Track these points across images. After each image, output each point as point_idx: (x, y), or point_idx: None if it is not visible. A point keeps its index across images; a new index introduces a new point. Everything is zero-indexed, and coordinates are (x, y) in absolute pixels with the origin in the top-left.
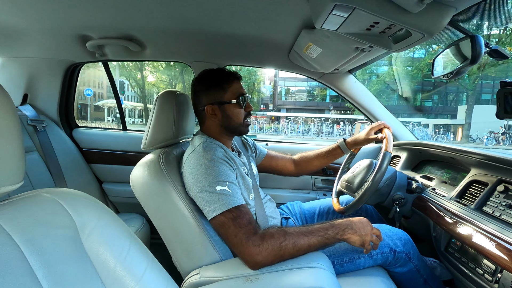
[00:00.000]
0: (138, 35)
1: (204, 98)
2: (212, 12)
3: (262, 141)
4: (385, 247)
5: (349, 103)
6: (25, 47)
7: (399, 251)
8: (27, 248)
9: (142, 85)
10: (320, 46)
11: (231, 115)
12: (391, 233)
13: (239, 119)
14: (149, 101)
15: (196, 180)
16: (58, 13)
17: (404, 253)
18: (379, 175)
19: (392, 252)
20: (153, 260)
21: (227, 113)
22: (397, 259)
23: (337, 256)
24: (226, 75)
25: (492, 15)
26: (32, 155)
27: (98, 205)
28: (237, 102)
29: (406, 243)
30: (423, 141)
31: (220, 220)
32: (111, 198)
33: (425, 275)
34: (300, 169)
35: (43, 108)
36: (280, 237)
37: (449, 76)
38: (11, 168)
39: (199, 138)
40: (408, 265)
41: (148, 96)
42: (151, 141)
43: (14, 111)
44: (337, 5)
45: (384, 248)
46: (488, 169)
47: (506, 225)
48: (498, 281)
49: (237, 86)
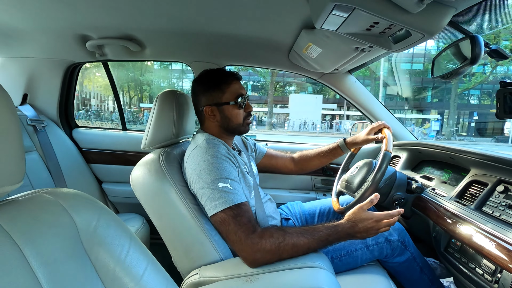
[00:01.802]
0: (138, 35)
1: (203, 99)
2: (212, 12)
3: (262, 141)
4: (380, 237)
5: (349, 103)
6: (25, 47)
7: (394, 240)
8: (27, 247)
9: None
10: (320, 46)
11: (229, 116)
12: None
13: (238, 120)
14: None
15: (198, 176)
16: (58, 13)
17: (399, 241)
18: (379, 175)
19: (388, 242)
20: (153, 260)
21: (226, 114)
22: (394, 248)
23: (335, 251)
24: (225, 76)
25: (492, 15)
26: (32, 155)
27: (98, 205)
28: (236, 103)
29: (401, 232)
30: (423, 141)
31: (220, 217)
32: (110, 198)
33: (420, 263)
34: (300, 168)
35: (42, 108)
36: (279, 237)
37: (449, 76)
38: (11, 168)
39: (202, 135)
40: (405, 253)
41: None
42: (151, 141)
43: (14, 111)
44: (337, 5)
45: (380, 238)
46: (488, 169)
47: (506, 225)
48: (498, 281)
49: (236, 87)
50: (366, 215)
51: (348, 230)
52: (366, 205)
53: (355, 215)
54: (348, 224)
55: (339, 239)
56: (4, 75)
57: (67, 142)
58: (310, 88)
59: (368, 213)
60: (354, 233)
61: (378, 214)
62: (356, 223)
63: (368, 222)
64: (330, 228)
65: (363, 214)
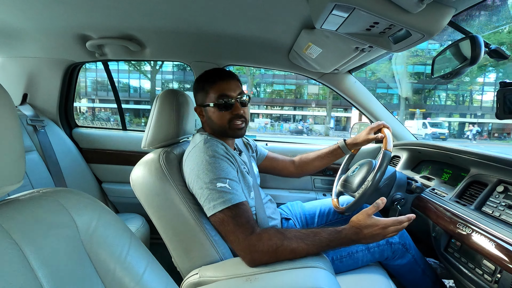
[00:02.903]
0: (138, 35)
1: (196, 98)
2: (212, 12)
3: (262, 141)
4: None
5: (349, 103)
6: (25, 47)
7: (395, 243)
8: (27, 247)
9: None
10: (320, 46)
11: (212, 117)
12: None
13: (221, 122)
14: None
15: (197, 176)
16: (58, 12)
17: (400, 244)
18: (379, 175)
19: (389, 244)
20: (153, 260)
21: (209, 115)
22: (395, 251)
23: (336, 252)
24: (212, 75)
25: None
26: (32, 155)
27: (98, 204)
28: (215, 104)
29: (402, 234)
30: (422, 141)
31: (219, 217)
32: (110, 198)
33: (422, 265)
34: (301, 170)
35: (42, 107)
36: (278, 241)
37: (449, 76)
38: (11, 167)
39: (201, 135)
40: (406, 256)
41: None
42: (152, 141)
43: (14, 111)
44: (337, 5)
45: (381, 240)
46: (488, 169)
47: (506, 225)
48: (498, 282)
49: (221, 87)
50: (371, 221)
51: (352, 236)
52: (371, 209)
53: (360, 221)
54: (352, 230)
55: (341, 244)
56: (4, 74)
57: (67, 142)
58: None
59: (374, 219)
60: (358, 240)
61: (385, 220)
62: (361, 229)
63: (374, 228)
64: (333, 233)
65: (368, 220)
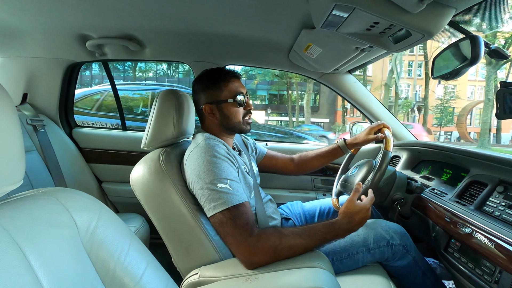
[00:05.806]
0: (138, 34)
1: (203, 97)
2: (212, 12)
3: (262, 141)
4: (382, 240)
5: (349, 103)
6: (25, 47)
7: (396, 244)
8: (27, 247)
9: None
10: (320, 46)
11: (228, 114)
12: (387, 227)
13: (237, 118)
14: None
15: (198, 177)
16: (58, 12)
17: (401, 246)
18: (379, 175)
19: (389, 246)
20: (153, 259)
21: (225, 112)
22: (395, 252)
23: (336, 253)
24: (224, 74)
25: (492, 15)
26: (32, 155)
27: (98, 204)
28: (234, 100)
29: (403, 236)
30: (422, 141)
31: (218, 218)
32: (110, 198)
33: (422, 267)
34: (300, 168)
35: (42, 107)
36: (276, 240)
37: (449, 76)
38: (11, 167)
39: (202, 135)
40: (406, 257)
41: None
42: (151, 141)
43: (14, 111)
44: (337, 5)
45: (381, 242)
46: (488, 169)
47: (506, 225)
48: (498, 282)
49: (235, 85)
50: (359, 206)
51: (346, 226)
52: (354, 196)
53: (350, 209)
54: (345, 220)
55: (336, 236)
56: (4, 74)
57: (67, 142)
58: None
59: (360, 204)
60: (351, 228)
61: (367, 202)
62: (352, 216)
63: (363, 211)
64: (327, 226)
65: (356, 206)
